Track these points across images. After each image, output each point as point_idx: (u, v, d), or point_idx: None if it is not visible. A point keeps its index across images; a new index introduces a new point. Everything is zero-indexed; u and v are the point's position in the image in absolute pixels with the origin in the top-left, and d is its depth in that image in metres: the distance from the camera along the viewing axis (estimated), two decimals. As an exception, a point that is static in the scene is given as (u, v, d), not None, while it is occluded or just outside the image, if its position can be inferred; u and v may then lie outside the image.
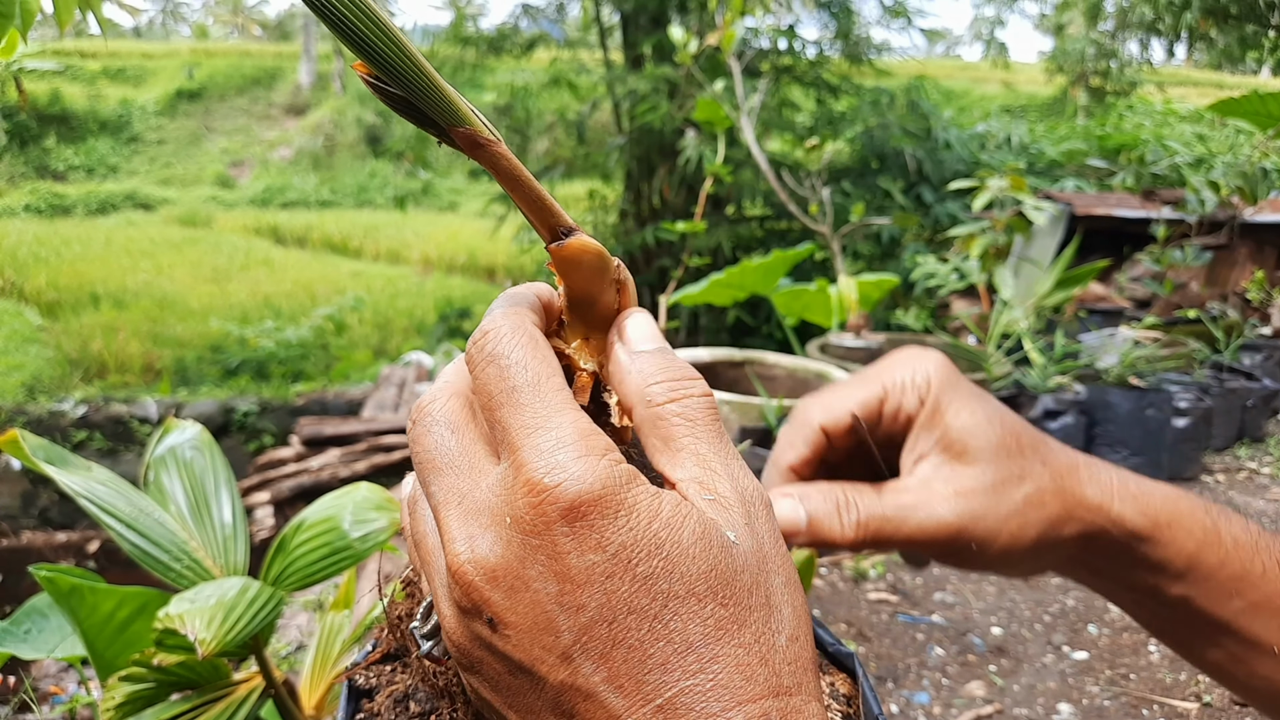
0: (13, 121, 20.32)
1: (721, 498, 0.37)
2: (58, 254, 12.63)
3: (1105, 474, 0.55)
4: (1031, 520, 0.53)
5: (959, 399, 0.55)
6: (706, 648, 0.33)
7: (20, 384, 7.78)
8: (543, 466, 0.34)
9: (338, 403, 7.20)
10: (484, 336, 0.39)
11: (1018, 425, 0.55)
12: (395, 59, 0.36)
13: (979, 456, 0.53)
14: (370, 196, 19.63)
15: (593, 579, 0.33)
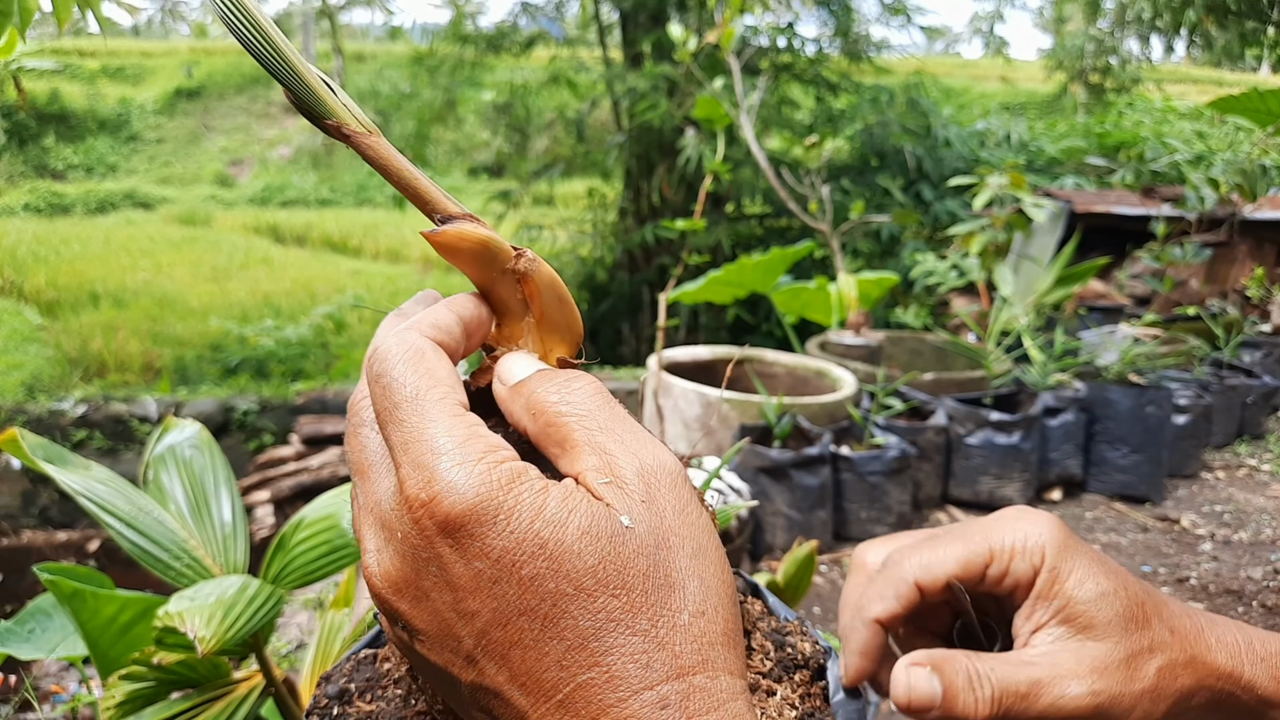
0: (12, 120, 20.29)
1: (618, 479, 0.37)
2: (57, 253, 12.61)
3: (1231, 635, 0.53)
4: (1165, 694, 0.51)
5: (1080, 566, 0.53)
6: (599, 640, 0.34)
7: (20, 383, 7.78)
8: (417, 481, 0.34)
9: (338, 401, 7.19)
10: (374, 354, 0.39)
11: (1141, 592, 0.53)
12: (272, 60, 0.41)
13: (1107, 631, 0.51)
14: (370, 195, 19.60)
15: (480, 585, 0.34)
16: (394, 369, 0.38)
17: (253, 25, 0.41)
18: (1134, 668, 0.51)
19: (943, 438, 3.39)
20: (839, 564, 3.00)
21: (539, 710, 0.34)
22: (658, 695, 0.33)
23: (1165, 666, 0.51)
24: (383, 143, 0.44)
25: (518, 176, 8.76)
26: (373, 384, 0.38)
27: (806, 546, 1.32)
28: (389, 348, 0.39)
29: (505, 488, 0.34)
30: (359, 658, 0.59)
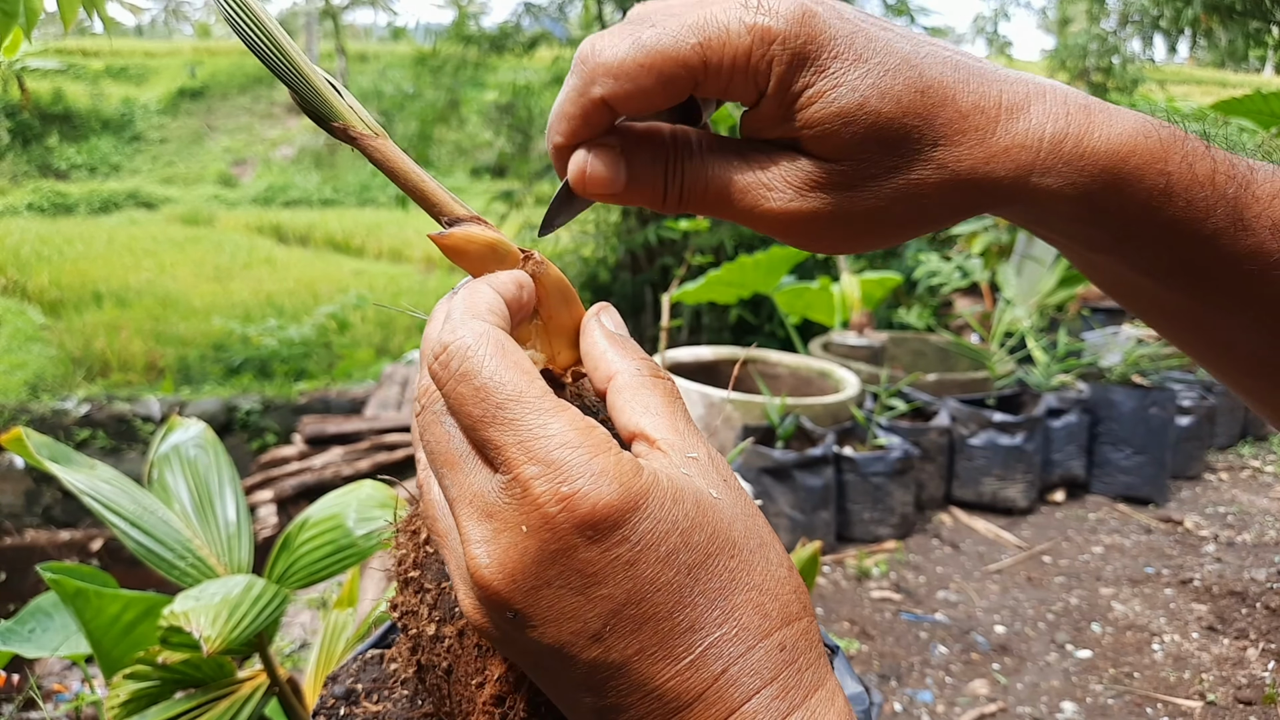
0: (16, 120, 20.32)
1: (700, 459, 0.39)
2: (60, 253, 12.63)
3: (1034, 127, 0.42)
4: (897, 214, 0.43)
5: (817, 77, 0.40)
6: (726, 599, 0.36)
7: (23, 382, 7.79)
8: (555, 478, 0.34)
9: (340, 401, 7.20)
10: (445, 352, 0.38)
11: (914, 100, 0.41)
12: (279, 63, 0.42)
13: (837, 151, 0.42)
14: (373, 195, 19.61)
15: (616, 570, 0.35)
16: (485, 368, 0.37)
17: (259, 29, 0.41)
18: (857, 191, 0.43)
19: (946, 439, 3.39)
20: (842, 565, 3.00)
21: (666, 673, 0.35)
22: (776, 640, 0.37)
23: (909, 186, 0.42)
24: (389, 145, 0.44)
25: (520, 177, 8.76)
26: (456, 383, 0.37)
27: (810, 547, 1.32)
28: (468, 344, 0.37)
29: (636, 475, 0.35)
30: (365, 658, 0.59)
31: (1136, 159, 0.42)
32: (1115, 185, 0.42)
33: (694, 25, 0.40)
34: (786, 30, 0.39)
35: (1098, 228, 0.45)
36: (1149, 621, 2.62)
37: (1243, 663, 2.37)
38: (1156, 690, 2.26)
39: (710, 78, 0.41)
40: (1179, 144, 0.43)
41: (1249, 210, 0.43)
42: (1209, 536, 3.20)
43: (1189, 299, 0.48)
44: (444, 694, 0.48)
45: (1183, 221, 0.43)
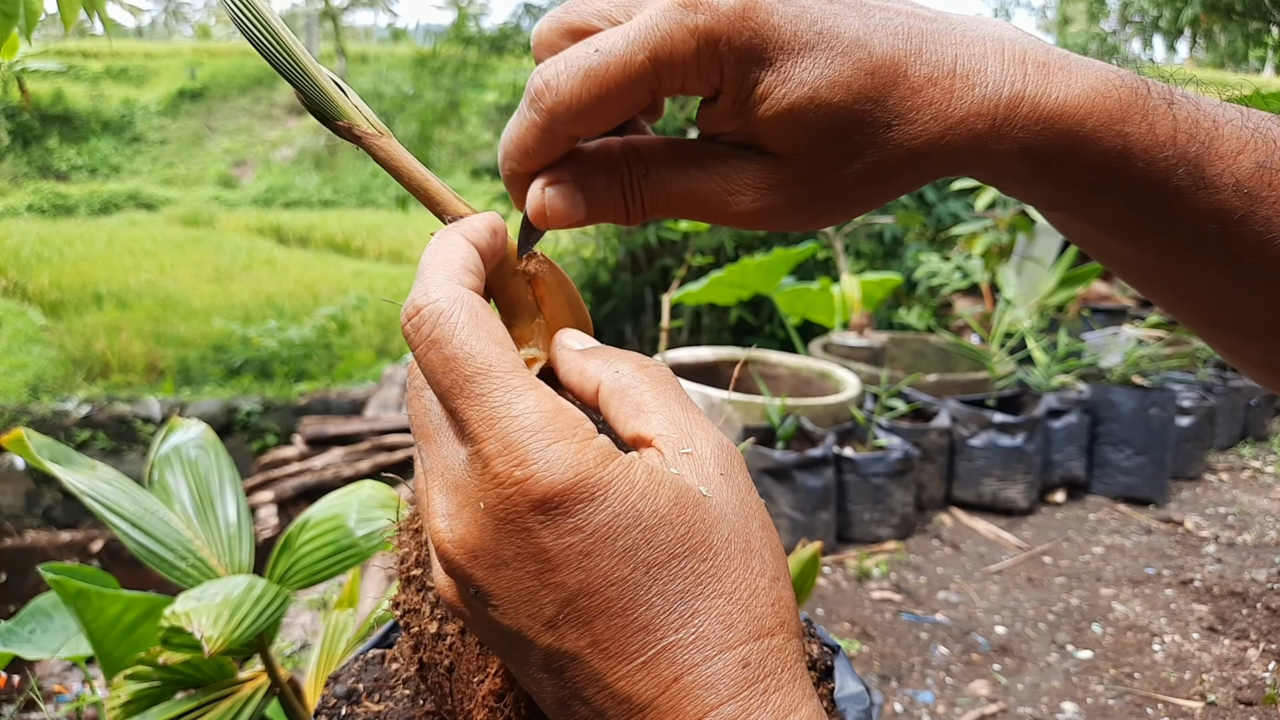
0: (15, 121, 20.32)
1: (697, 452, 0.38)
2: (60, 254, 12.63)
3: (990, 103, 0.40)
4: (862, 194, 0.43)
5: (769, 70, 0.39)
6: (687, 604, 0.35)
7: (23, 383, 7.79)
8: (509, 459, 0.34)
9: (341, 402, 7.20)
10: (418, 315, 0.37)
11: (864, 83, 0.39)
12: (286, 63, 0.42)
13: (793, 145, 0.41)
14: (373, 196, 19.61)
15: (570, 559, 0.34)
16: (456, 336, 0.36)
17: (264, 27, 0.41)
18: (817, 180, 0.42)
19: (946, 439, 3.39)
20: (842, 566, 3.00)
21: (619, 671, 0.34)
22: (739, 655, 0.35)
23: (865, 171, 0.41)
24: (394, 144, 0.45)
25: (520, 178, 8.76)
26: (426, 350, 0.36)
27: (810, 548, 1.32)
28: (440, 310, 0.37)
29: (600, 464, 0.34)
30: (366, 658, 0.59)
31: (1094, 120, 0.40)
32: (1071, 148, 0.41)
33: (638, 40, 0.39)
34: (729, 28, 0.38)
35: (1053, 188, 0.44)
36: (1149, 622, 2.62)
37: (1243, 663, 2.37)
38: (1157, 691, 2.26)
39: (664, 86, 0.40)
40: (1140, 102, 0.41)
41: (1211, 168, 0.42)
42: (1209, 537, 3.20)
43: (1148, 254, 0.46)
44: (446, 691, 0.48)
45: (1142, 182, 0.42)
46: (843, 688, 0.53)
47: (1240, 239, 0.42)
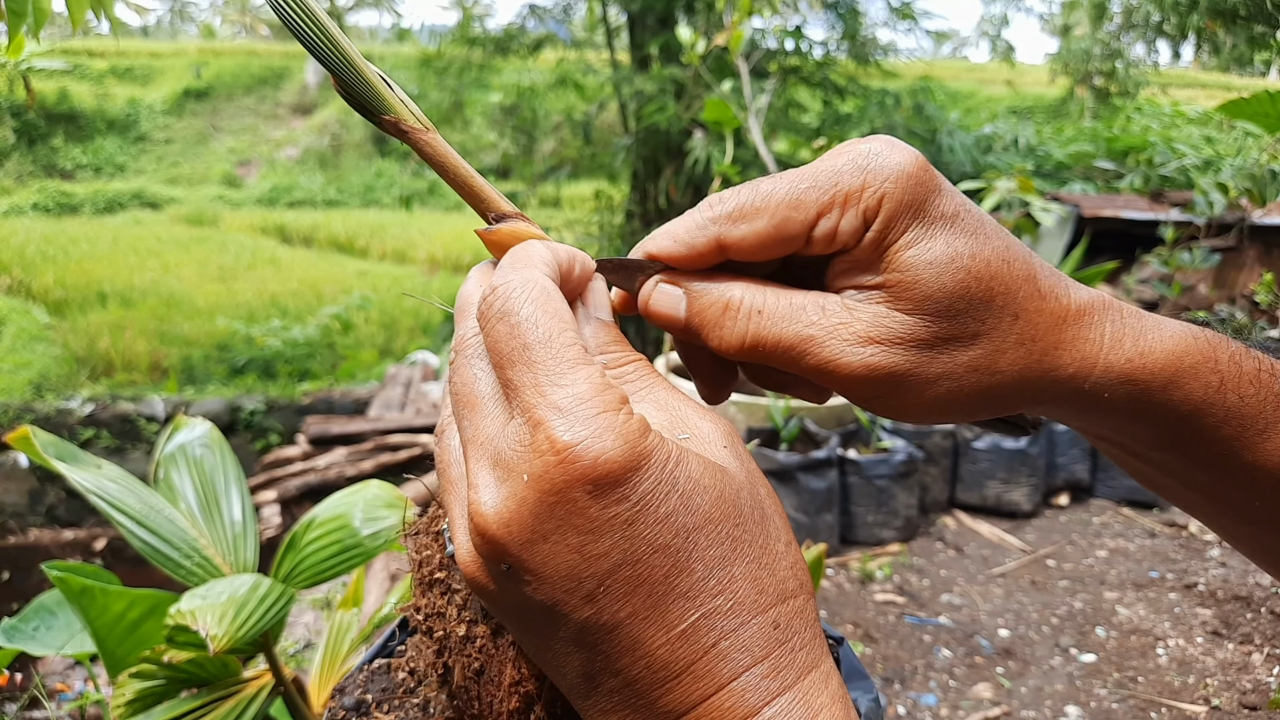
0: (21, 120, 20.38)
1: (697, 432, 0.39)
2: (65, 252, 12.67)
3: (1094, 331, 0.44)
4: (971, 385, 0.43)
5: (917, 227, 0.42)
6: (725, 569, 0.35)
7: (28, 382, 7.81)
8: (560, 426, 0.34)
9: (344, 402, 7.21)
10: (493, 293, 0.38)
11: (1000, 267, 0.42)
12: (333, 57, 0.42)
13: (927, 306, 0.42)
14: (376, 196, 19.65)
15: (615, 527, 0.34)
16: (523, 308, 0.37)
17: (312, 21, 0.41)
18: (940, 349, 0.42)
19: (950, 442, 3.39)
20: (846, 568, 3.00)
21: (658, 640, 0.35)
22: (771, 618, 0.36)
23: (985, 356, 0.43)
24: (439, 140, 0.44)
25: (524, 178, 8.76)
26: (495, 321, 0.38)
27: (815, 550, 1.32)
28: (513, 285, 0.38)
29: (643, 435, 0.35)
30: (372, 668, 0.59)
31: (1190, 357, 0.44)
32: (1174, 381, 0.44)
33: (812, 174, 0.43)
34: (900, 174, 0.42)
35: (1152, 426, 0.46)
36: (1153, 626, 2.62)
37: (1247, 667, 2.36)
38: (1161, 695, 2.26)
39: (822, 219, 0.42)
40: (1224, 344, 0.45)
41: None
42: (1213, 541, 3.19)
43: (1242, 493, 0.48)
44: (473, 695, 0.48)
45: (1235, 417, 0.45)
46: (848, 678, 0.53)
47: None
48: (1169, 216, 5.51)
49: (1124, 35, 15.84)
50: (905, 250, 0.42)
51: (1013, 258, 0.43)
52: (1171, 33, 12.50)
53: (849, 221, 0.42)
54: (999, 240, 0.43)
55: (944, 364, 0.42)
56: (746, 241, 0.43)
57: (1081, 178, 8.39)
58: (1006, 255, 0.42)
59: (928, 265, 0.41)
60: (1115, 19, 16.40)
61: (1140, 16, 14.33)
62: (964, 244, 0.42)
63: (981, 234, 0.42)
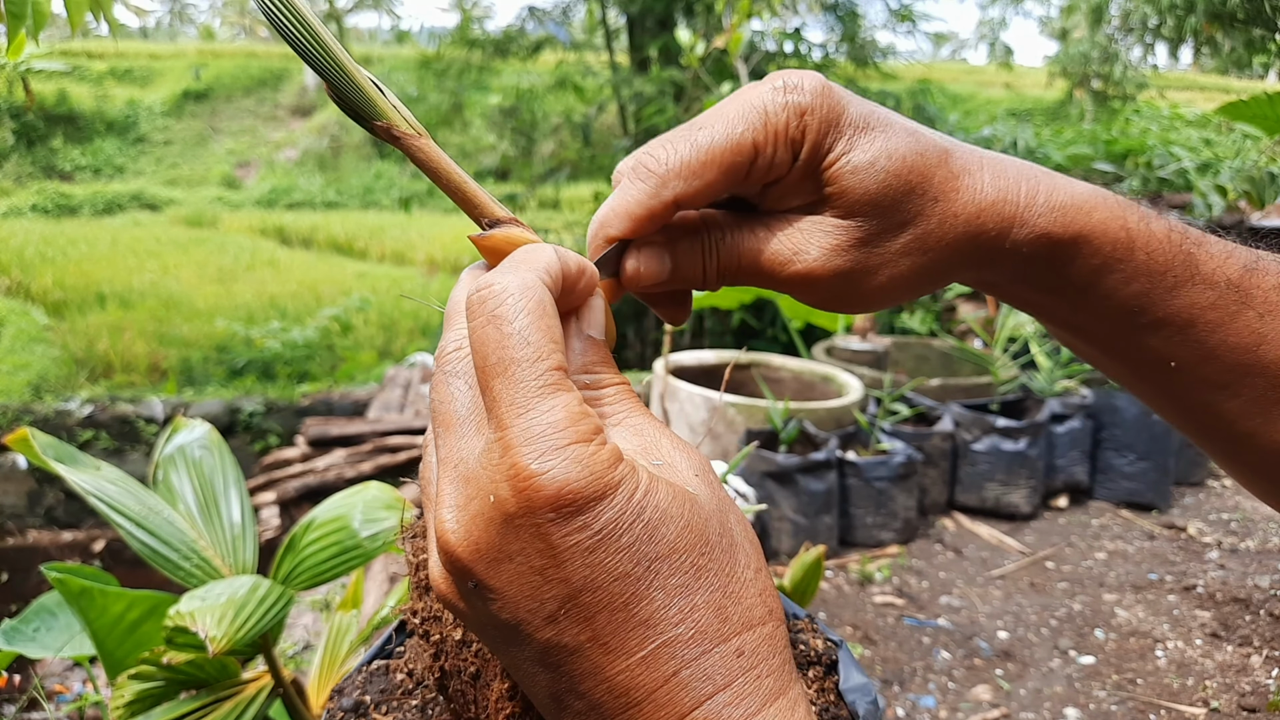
0: (20, 121, 20.37)
1: (669, 461, 0.40)
2: (64, 254, 12.65)
3: (1011, 188, 0.49)
4: (906, 269, 0.48)
5: (840, 142, 0.47)
6: (686, 598, 0.36)
7: (26, 383, 7.80)
8: (529, 453, 0.34)
9: (343, 403, 7.21)
10: (488, 289, 0.38)
11: (915, 160, 0.47)
12: (325, 62, 0.42)
13: (859, 209, 0.47)
14: (376, 198, 19.65)
15: (576, 554, 0.35)
16: (517, 318, 0.37)
17: (303, 25, 0.41)
18: (876, 243, 0.48)
19: (949, 444, 3.39)
20: (845, 570, 3.00)
21: (618, 666, 0.35)
22: (734, 646, 0.36)
23: (915, 240, 0.48)
24: (431, 145, 0.44)
25: (524, 180, 8.77)
26: (485, 324, 0.37)
27: (814, 551, 1.31)
28: (508, 289, 0.37)
29: (611, 466, 0.35)
30: (371, 669, 0.59)
31: (1099, 213, 0.49)
32: (1084, 235, 0.48)
33: (740, 115, 0.46)
34: (814, 103, 0.46)
35: (1066, 280, 0.50)
36: (1152, 628, 2.62)
37: (1246, 670, 2.36)
38: (1160, 697, 2.26)
39: (760, 156, 0.46)
40: (1134, 207, 0.50)
41: (1204, 265, 0.49)
42: (1212, 543, 3.20)
43: (1153, 352, 0.51)
44: (469, 699, 0.48)
45: (1144, 273, 0.49)
46: (847, 679, 0.54)
47: (1227, 342, 0.49)
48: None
49: (1122, 38, 15.87)
50: (831, 167, 0.47)
51: (923, 148, 0.48)
52: (1169, 35, 12.52)
53: (782, 153, 0.47)
54: (908, 135, 0.48)
55: (881, 255, 0.48)
56: (701, 195, 0.47)
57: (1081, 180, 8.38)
58: (917, 147, 0.47)
59: (852, 173, 0.47)
60: (1113, 22, 16.42)
61: (1137, 19, 14.35)
62: (879, 146, 0.47)
63: (891, 132, 0.47)
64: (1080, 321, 0.53)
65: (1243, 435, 0.52)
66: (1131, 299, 0.49)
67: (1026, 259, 0.49)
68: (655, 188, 0.46)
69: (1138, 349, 0.52)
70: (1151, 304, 0.49)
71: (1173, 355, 0.50)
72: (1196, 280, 0.49)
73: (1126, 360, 0.54)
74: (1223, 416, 0.52)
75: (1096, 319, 0.51)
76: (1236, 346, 0.49)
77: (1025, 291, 0.52)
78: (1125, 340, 0.52)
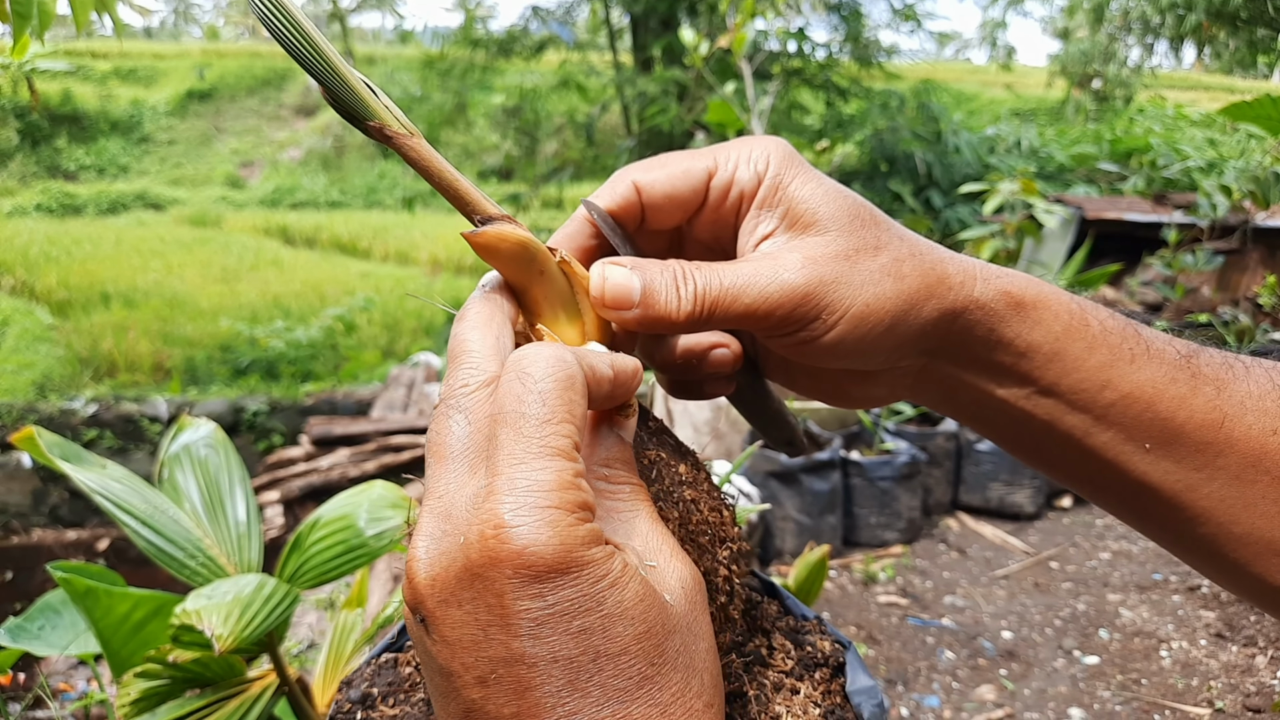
0: (25, 121, 20.41)
1: (660, 568, 0.39)
2: (68, 253, 12.68)
3: (964, 258, 0.50)
4: (889, 291, 0.47)
5: (802, 173, 0.49)
6: (622, 705, 0.34)
7: (31, 382, 7.82)
8: (508, 504, 0.34)
9: (347, 403, 7.21)
10: (528, 353, 0.39)
11: (867, 205, 0.50)
12: (318, 64, 0.42)
13: (830, 225, 0.48)
14: (379, 197, 19.66)
15: (523, 622, 0.34)
16: (542, 380, 0.37)
17: (294, 27, 0.41)
18: (855, 260, 0.47)
19: (953, 444, 3.38)
20: (849, 569, 3.00)
21: None
22: None
23: (891, 264, 0.48)
24: (424, 144, 0.45)
25: (527, 179, 8.78)
26: (515, 377, 0.38)
27: (818, 551, 1.31)
28: (545, 356, 0.38)
29: (584, 545, 0.34)
30: (380, 662, 0.59)
31: (1048, 288, 0.50)
32: (1041, 300, 0.49)
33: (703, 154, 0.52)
34: (776, 140, 0.51)
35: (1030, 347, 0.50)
36: (1157, 628, 2.61)
37: (1251, 670, 2.36)
38: (1164, 697, 2.25)
39: (714, 176, 0.50)
40: (1076, 296, 0.51)
41: (1154, 342, 0.50)
42: (1217, 543, 3.19)
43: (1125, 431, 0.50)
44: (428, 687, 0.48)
45: (1102, 344, 0.49)
46: (854, 681, 0.54)
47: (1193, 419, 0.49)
48: (1172, 219, 5.51)
49: (1123, 38, 15.84)
50: (797, 187, 0.49)
51: (867, 203, 0.50)
52: (1169, 34, 12.50)
53: (744, 171, 0.50)
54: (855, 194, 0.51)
55: (864, 271, 0.47)
56: (657, 186, 0.50)
57: (1084, 180, 8.38)
58: (864, 201, 0.50)
59: (816, 194, 0.49)
60: (1114, 21, 16.39)
61: (1137, 18, 14.33)
62: (834, 184, 0.50)
63: (840, 185, 0.51)
64: (1048, 419, 0.51)
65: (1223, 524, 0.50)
66: (1098, 370, 0.48)
67: (994, 316, 0.49)
68: (616, 178, 0.51)
69: (1110, 437, 0.50)
70: (1117, 375, 0.48)
71: (1145, 434, 0.49)
72: (1151, 354, 0.49)
73: (1098, 460, 0.51)
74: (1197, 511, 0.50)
75: (1066, 406, 0.50)
76: (1202, 424, 0.48)
77: (998, 362, 0.51)
78: (1096, 426, 0.50)
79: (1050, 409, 0.50)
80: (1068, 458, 0.52)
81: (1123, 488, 0.51)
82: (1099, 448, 0.50)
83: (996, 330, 0.49)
